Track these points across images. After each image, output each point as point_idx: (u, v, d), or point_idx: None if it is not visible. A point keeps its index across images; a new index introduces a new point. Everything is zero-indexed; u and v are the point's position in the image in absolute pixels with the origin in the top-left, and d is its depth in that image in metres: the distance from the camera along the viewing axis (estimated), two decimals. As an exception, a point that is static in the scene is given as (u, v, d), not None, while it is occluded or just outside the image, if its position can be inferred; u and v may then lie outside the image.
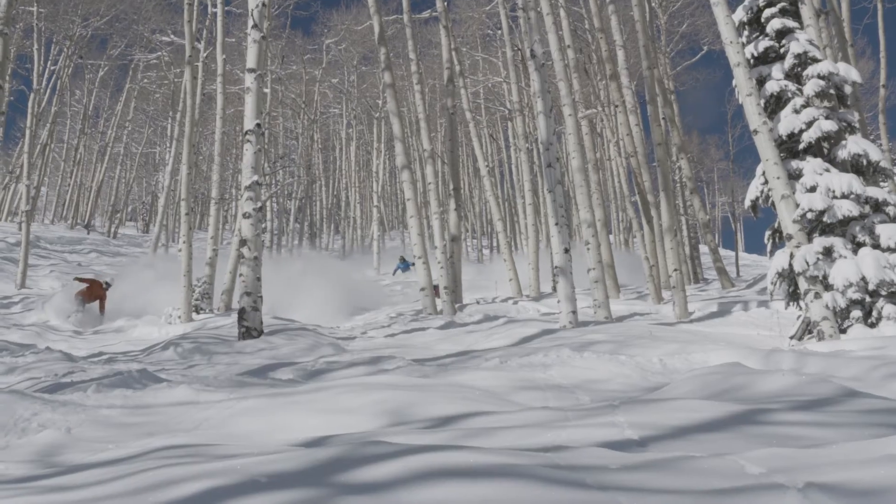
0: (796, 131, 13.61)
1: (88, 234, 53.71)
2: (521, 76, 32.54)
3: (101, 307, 24.57)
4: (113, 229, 57.42)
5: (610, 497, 3.12)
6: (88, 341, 18.85)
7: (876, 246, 12.53)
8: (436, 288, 23.52)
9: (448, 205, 25.99)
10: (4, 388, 8.65)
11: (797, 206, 12.80)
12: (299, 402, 7.23)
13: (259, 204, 15.96)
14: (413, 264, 20.73)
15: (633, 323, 16.82)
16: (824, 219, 12.68)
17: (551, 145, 17.04)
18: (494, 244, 56.33)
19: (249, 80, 16.33)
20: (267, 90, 34.73)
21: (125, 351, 16.96)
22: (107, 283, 25.07)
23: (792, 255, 12.84)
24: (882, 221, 12.70)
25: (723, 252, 40.53)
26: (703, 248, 41.02)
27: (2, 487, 4.39)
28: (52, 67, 47.07)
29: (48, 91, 45.85)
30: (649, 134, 22.03)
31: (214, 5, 29.03)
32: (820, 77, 13.70)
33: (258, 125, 16.09)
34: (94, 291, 24.53)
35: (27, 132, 36.98)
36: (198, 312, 23.36)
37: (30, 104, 37.58)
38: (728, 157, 54.03)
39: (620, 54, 23.27)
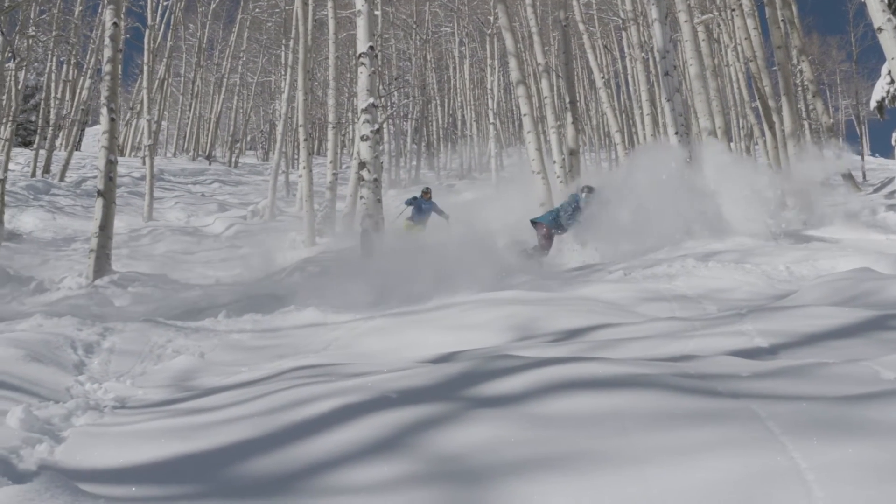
0: (924, 26, 13.09)
1: (210, 164, 54.64)
2: (634, -17, 31.80)
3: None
4: (234, 159, 58.23)
5: (742, 405, 3.09)
6: (215, 268, 19.26)
7: None
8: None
9: (565, 118, 25.71)
10: (138, 317, 8.95)
11: (927, 104, 12.34)
12: (425, 320, 7.32)
13: (376, 126, 16.01)
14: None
15: (757, 230, 16.52)
16: (956, 116, 12.21)
17: (668, 53, 16.72)
18: (613, 157, 55.64)
19: (360, 2, 16.29)
20: (378, 12, 34.58)
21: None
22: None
23: (922, 156, 12.41)
24: None
25: (848, 156, 39.41)
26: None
27: (143, 412, 4.57)
28: (165, 3, 47.37)
29: (162, 26, 46.34)
30: (768, 37, 21.47)
31: (321, -71, 28.97)
32: (949, -33, 13.13)
33: (371, 48, 16.09)
34: None
35: (145, 68, 37.73)
36: (320, 237, 23.69)
37: (146, 40, 38.23)
38: (851, 57, 51.79)
39: (736, -45, 22.58)
